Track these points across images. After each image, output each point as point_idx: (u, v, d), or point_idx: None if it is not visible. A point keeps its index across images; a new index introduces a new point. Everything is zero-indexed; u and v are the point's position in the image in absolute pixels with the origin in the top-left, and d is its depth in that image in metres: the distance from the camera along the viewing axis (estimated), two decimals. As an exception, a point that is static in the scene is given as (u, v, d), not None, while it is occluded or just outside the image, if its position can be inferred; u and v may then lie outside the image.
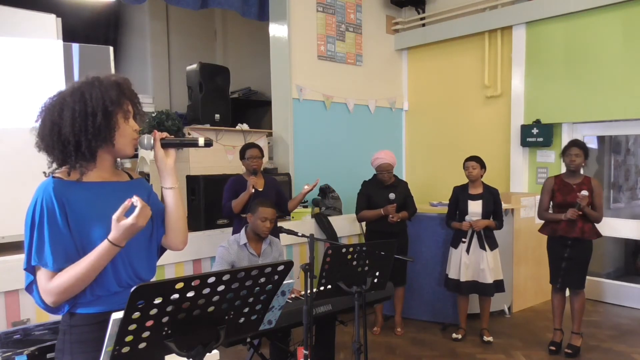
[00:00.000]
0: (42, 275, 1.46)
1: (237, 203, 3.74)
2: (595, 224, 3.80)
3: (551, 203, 3.91)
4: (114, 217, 1.45)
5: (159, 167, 1.66)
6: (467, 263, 4.09)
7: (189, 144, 1.73)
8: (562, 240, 3.81)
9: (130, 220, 1.45)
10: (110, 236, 1.46)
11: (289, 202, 4.14)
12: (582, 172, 3.88)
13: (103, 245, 1.46)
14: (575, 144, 3.81)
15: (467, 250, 4.08)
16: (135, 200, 1.47)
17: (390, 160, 4.20)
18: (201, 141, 1.65)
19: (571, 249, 3.79)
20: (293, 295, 3.05)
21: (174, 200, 1.67)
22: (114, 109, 1.53)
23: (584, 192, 3.63)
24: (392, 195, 4.03)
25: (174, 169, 1.67)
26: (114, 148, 1.57)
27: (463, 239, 4.09)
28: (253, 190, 3.73)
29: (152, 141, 1.63)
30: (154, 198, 1.71)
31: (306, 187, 3.89)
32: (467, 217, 4.05)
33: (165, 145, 1.65)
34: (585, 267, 3.84)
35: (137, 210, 1.46)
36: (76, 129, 1.49)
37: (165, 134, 1.66)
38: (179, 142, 1.70)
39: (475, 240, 4.09)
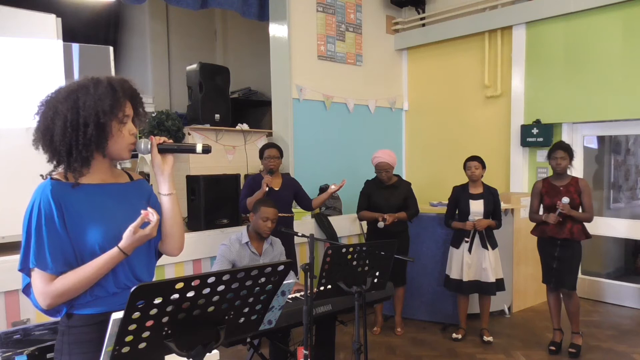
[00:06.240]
0: (38, 277, 1.45)
1: (251, 201, 3.77)
2: (586, 224, 3.84)
3: (541, 205, 3.96)
4: (131, 228, 1.47)
5: (155, 173, 1.66)
6: (470, 263, 4.10)
7: (187, 150, 1.71)
8: (552, 240, 3.85)
9: (147, 230, 1.49)
10: (122, 244, 1.48)
11: (314, 200, 4.18)
12: (569, 172, 3.90)
13: (112, 253, 1.48)
14: (560, 146, 3.84)
15: (469, 250, 4.09)
16: (152, 212, 1.51)
17: (389, 159, 4.20)
18: (199, 147, 1.63)
19: (561, 249, 3.81)
20: (293, 295, 3.05)
21: (171, 206, 1.67)
22: (107, 120, 1.50)
23: (565, 200, 3.69)
24: (381, 224, 4.04)
25: (171, 175, 1.67)
26: (108, 155, 1.57)
27: (466, 239, 4.09)
28: (267, 189, 3.75)
29: (149, 146, 1.62)
30: (154, 200, 1.70)
31: (333, 186, 3.94)
32: (470, 217, 4.06)
33: (163, 150, 1.64)
34: (576, 268, 3.88)
35: (154, 222, 1.51)
36: (67, 138, 1.48)
37: (162, 139, 1.64)
38: (176, 148, 1.68)
39: (477, 239, 4.10)
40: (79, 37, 5.73)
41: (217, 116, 5.10)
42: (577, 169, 5.33)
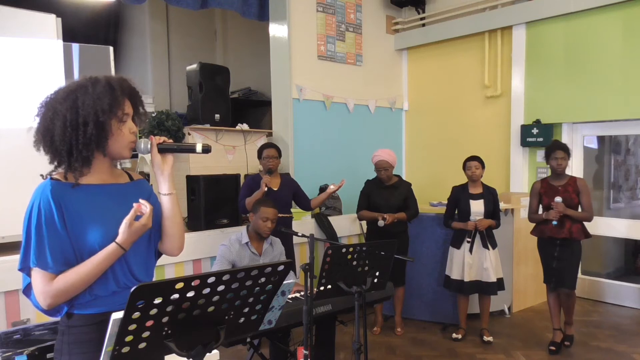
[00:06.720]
0: (39, 277, 1.46)
1: (250, 201, 3.77)
2: (586, 224, 3.84)
3: (540, 206, 3.96)
4: (126, 221, 1.47)
5: (155, 173, 1.66)
6: (471, 263, 4.10)
7: (187, 150, 1.71)
8: (551, 240, 3.85)
9: (142, 221, 1.49)
10: (119, 239, 1.48)
11: (313, 199, 4.17)
12: (568, 171, 3.91)
13: (110, 248, 1.48)
14: (560, 146, 3.85)
15: (470, 250, 4.09)
16: (144, 203, 1.51)
17: (389, 158, 4.20)
18: (199, 147, 1.63)
19: (560, 248, 3.82)
20: (293, 295, 3.05)
21: (171, 206, 1.66)
22: (106, 119, 1.51)
23: (557, 199, 3.73)
24: (381, 223, 4.05)
25: (171, 175, 1.66)
26: (108, 154, 1.57)
27: (468, 239, 4.09)
28: (266, 189, 3.75)
29: (149, 146, 1.62)
30: (154, 200, 1.70)
31: (332, 186, 3.93)
32: (471, 217, 4.06)
33: (162, 150, 1.64)
34: (576, 267, 3.89)
35: (148, 212, 1.50)
36: (67, 138, 1.48)
37: (162, 139, 1.64)
38: (176, 148, 1.68)
39: (478, 239, 4.10)
40: (79, 37, 5.73)
41: (217, 116, 5.10)
42: (577, 169, 5.34)
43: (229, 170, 4.76)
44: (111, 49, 4.92)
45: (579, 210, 3.84)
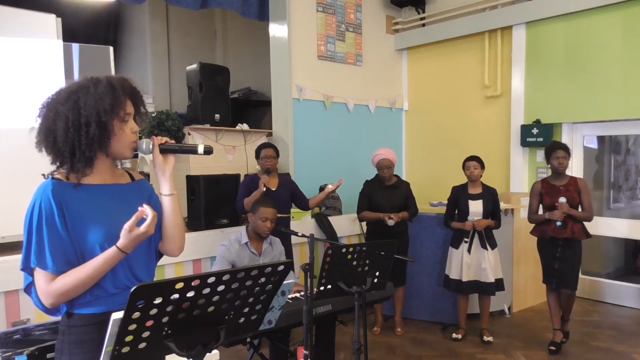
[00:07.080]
0: (40, 277, 1.46)
1: (249, 201, 3.76)
2: (586, 224, 3.85)
3: (540, 206, 3.97)
4: (126, 227, 1.46)
5: (156, 173, 1.65)
6: (469, 263, 4.10)
7: (189, 151, 1.70)
8: (553, 241, 3.85)
9: (142, 229, 1.47)
10: (120, 244, 1.47)
11: (311, 199, 4.15)
12: (568, 172, 3.92)
13: (110, 252, 1.47)
14: (560, 146, 3.86)
15: (469, 250, 4.09)
16: (147, 208, 1.49)
17: (390, 156, 4.20)
18: (200, 149, 1.63)
19: (562, 249, 3.81)
20: (293, 295, 3.05)
21: (172, 207, 1.66)
22: (108, 119, 1.51)
23: (562, 200, 3.74)
24: (390, 222, 4.04)
25: (172, 176, 1.66)
26: (110, 154, 1.57)
27: (465, 239, 4.09)
28: (264, 189, 3.74)
29: (150, 146, 1.62)
30: (155, 201, 1.70)
31: (330, 186, 3.92)
32: (469, 217, 4.06)
33: (164, 151, 1.63)
34: (578, 267, 3.89)
35: (149, 219, 1.48)
36: (69, 139, 1.48)
37: (164, 139, 1.64)
38: (178, 149, 1.68)
39: (476, 239, 4.10)
40: (79, 37, 5.74)
41: (217, 116, 5.10)
42: (577, 169, 5.34)
43: (229, 170, 4.76)
44: (111, 49, 4.92)
45: (579, 210, 3.84)
